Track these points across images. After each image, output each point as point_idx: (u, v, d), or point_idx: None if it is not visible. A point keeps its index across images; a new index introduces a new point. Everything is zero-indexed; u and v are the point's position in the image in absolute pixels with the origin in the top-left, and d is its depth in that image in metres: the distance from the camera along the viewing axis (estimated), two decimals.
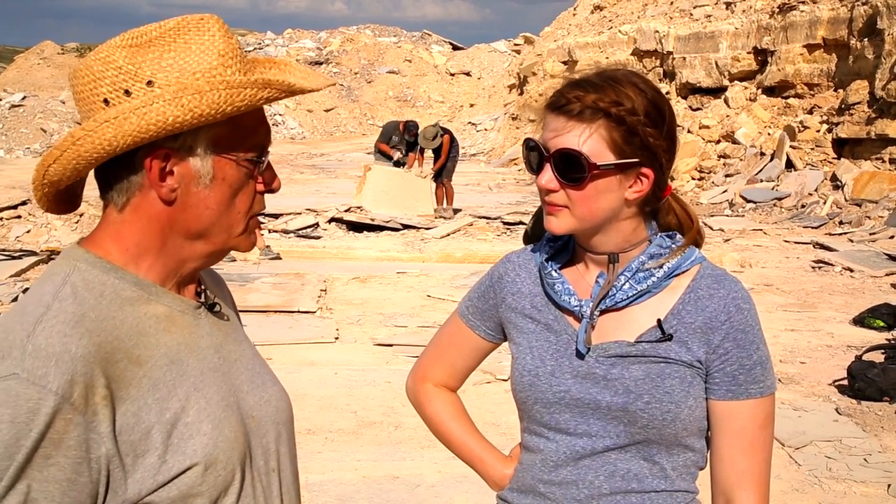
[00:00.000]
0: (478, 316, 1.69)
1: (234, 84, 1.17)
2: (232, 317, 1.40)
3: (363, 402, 5.68)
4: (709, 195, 16.11)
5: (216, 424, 1.22)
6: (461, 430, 1.74)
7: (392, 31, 51.96)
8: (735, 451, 1.50)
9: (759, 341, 1.49)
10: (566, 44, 26.28)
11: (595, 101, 1.42)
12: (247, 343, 1.40)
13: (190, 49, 1.19)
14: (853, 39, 15.99)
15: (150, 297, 1.23)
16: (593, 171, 1.42)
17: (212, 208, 1.23)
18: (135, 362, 1.17)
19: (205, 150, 1.21)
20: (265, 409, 1.34)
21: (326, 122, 39.09)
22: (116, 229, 1.23)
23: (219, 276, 1.49)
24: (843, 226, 12.98)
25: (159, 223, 1.22)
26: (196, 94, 1.15)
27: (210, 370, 1.26)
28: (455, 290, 8.94)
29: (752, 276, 9.76)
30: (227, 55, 1.20)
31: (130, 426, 1.14)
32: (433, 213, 14.11)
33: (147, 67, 1.17)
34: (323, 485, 4.41)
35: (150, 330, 1.21)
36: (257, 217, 1.31)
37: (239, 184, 1.25)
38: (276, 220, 13.22)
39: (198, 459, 1.18)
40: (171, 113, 1.14)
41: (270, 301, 8.42)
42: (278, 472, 1.34)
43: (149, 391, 1.17)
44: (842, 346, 7.07)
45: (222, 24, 1.23)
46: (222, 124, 1.20)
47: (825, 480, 4.50)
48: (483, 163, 25.98)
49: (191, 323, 1.27)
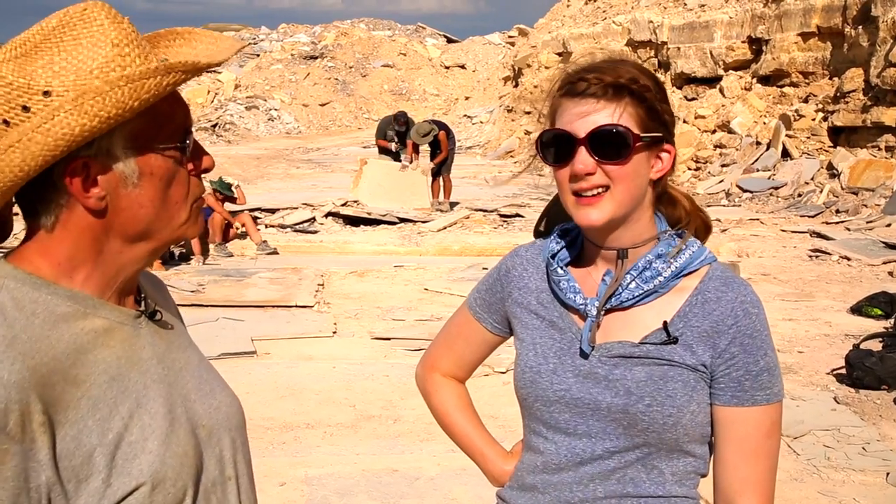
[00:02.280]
0: (485, 309, 1.67)
1: (135, 77, 1.09)
2: (175, 323, 1.33)
3: (362, 396, 5.68)
4: (705, 185, 16.11)
5: (163, 440, 1.16)
6: (465, 422, 1.74)
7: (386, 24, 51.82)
8: (738, 459, 1.46)
9: (767, 347, 1.46)
10: (560, 35, 26.24)
11: (615, 79, 1.41)
12: (192, 349, 1.34)
13: (80, 45, 1.10)
14: (848, 27, 15.97)
15: (87, 311, 1.16)
16: (636, 143, 1.41)
17: (146, 206, 1.17)
18: (72, 383, 1.10)
19: (124, 150, 1.14)
20: (216, 416, 1.28)
21: (322, 117, 39.01)
22: (45, 245, 1.16)
23: (157, 278, 1.43)
24: (839, 214, 12.98)
25: (93, 233, 1.15)
26: (98, 96, 1.07)
27: (154, 382, 1.20)
28: (452, 283, 8.94)
29: (749, 265, 9.76)
30: (122, 43, 1.12)
31: (71, 451, 1.08)
32: (430, 207, 14.09)
33: (40, 77, 1.09)
34: (322, 478, 4.41)
35: (88, 346, 1.14)
36: (201, 199, 1.26)
37: (169, 174, 1.18)
38: (273, 215, 13.20)
39: (144, 479, 1.13)
40: (77, 122, 1.07)
41: (268, 296, 8.42)
42: (235, 479, 1.29)
43: (89, 412, 1.10)
44: (839, 334, 7.08)
45: (109, 9, 1.14)
46: (136, 119, 1.12)
47: (824, 469, 4.51)
48: (479, 155, 25.95)
49: (131, 334, 1.20)
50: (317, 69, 41.79)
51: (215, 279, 9.17)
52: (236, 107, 34.72)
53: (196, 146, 1.23)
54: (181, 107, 1.21)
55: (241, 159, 24.05)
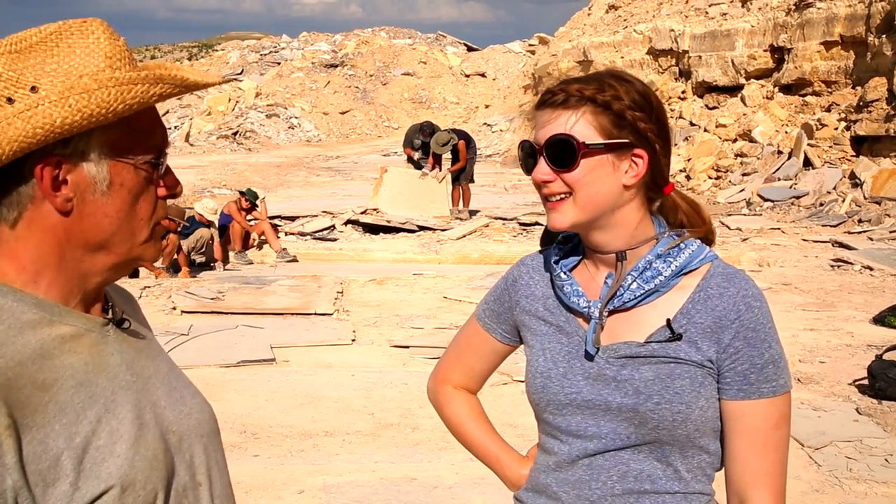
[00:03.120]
0: (494, 319, 1.70)
1: (125, 80, 1.11)
2: (144, 332, 1.33)
3: (380, 404, 5.68)
4: (726, 194, 16.03)
5: (131, 444, 1.16)
6: (479, 430, 1.76)
7: (407, 32, 52.02)
8: (748, 452, 1.49)
9: (770, 340, 1.48)
10: (581, 44, 26.23)
11: (579, 89, 1.45)
12: (162, 357, 1.34)
13: (74, 53, 1.13)
14: (871, 36, 15.87)
15: (53, 318, 1.15)
16: (583, 150, 1.44)
17: (111, 216, 1.17)
18: (39, 387, 1.10)
19: (99, 155, 1.14)
20: (186, 422, 1.28)
21: (342, 125, 39.15)
22: (10, 247, 1.15)
23: (128, 292, 1.42)
24: (862, 224, 12.87)
25: (55, 236, 1.15)
26: (84, 93, 1.09)
27: (122, 388, 1.20)
28: (471, 292, 8.94)
29: (770, 275, 9.70)
30: (115, 57, 1.14)
31: (38, 454, 1.08)
32: (449, 215, 14.10)
33: (29, 73, 1.11)
34: (340, 486, 4.42)
35: (55, 352, 1.14)
36: (162, 224, 1.25)
37: (138, 189, 1.19)
38: (293, 223, 13.26)
39: (113, 482, 1.12)
40: (59, 114, 1.08)
41: (287, 303, 8.44)
42: (209, 485, 1.29)
43: (55, 416, 1.10)
44: (862, 345, 7.01)
45: (107, 27, 1.17)
46: (115, 127, 1.13)
47: (845, 481, 4.47)
48: (499, 164, 25.97)
49: (98, 341, 1.20)
50: (337, 77, 41.97)
51: (235, 286, 9.21)
52: (257, 115, 34.91)
53: (169, 170, 1.24)
54: (160, 127, 1.22)
55: (261, 167, 24.17)
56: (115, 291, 1.35)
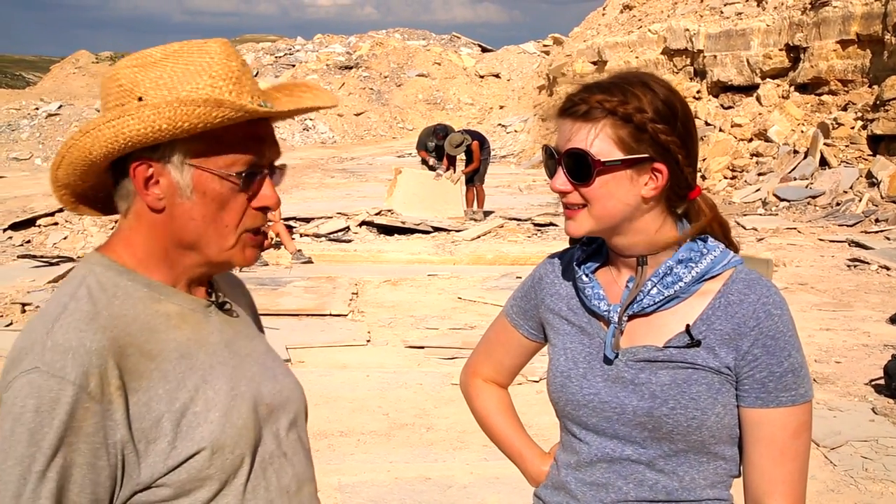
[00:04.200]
0: (521, 315, 1.72)
1: (187, 101, 1.21)
2: (245, 316, 1.46)
3: (395, 405, 5.70)
4: (741, 194, 15.97)
5: (224, 413, 1.29)
6: (505, 424, 1.80)
7: (421, 34, 52.08)
8: (766, 460, 1.48)
9: (791, 348, 1.46)
10: (595, 44, 26.19)
11: (600, 101, 1.44)
12: (259, 340, 1.47)
13: (187, 70, 1.25)
14: (888, 34, 15.77)
15: (161, 297, 1.31)
16: (598, 167, 1.43)
17: (196, 220, 1.29)
18: (146, 356, 1.25)
19: (181, 162, 1.26)
20: (277, 398, 1.40)
21: (357, 126, 39.24)
22: (127, 235, 1.32)
23: (237, 279, 1.56)
24: (878, 224, 12.79)
25: (156, 231, 1.30)
26: (156, 109, 1.21)
27: (219, 364, 1.33)
28: (486, 292, 8.94)
29: (786, 275, 9.66)
30: (220, 76, 1.25)
31: (142, 414, 1.22)
32: (463, 216, 14.11)
33: (143, 85, 1.24)
34: (356, 486, 4.44)
35: (161, 326, 1.28)
36: (261, 232, 1.34)
37: (223, 198, 1.28)
38: (308, 224, 13.30)
39: (205, 444, 1.25)
40: (134, 126, 1.21)
41: (303, 304, 8.47)
42: (290, 457, 1.40)
43: (159, 382, 1.25)
44: (878, 345, 6.98)
45: (226, 48, 1.28)
46: (198, 139, 1.25)
47: (861, 481, 4.45)
48: (513, 164, 25.96)
49: (201, 320, 1.34)
50: (352, 79, 42.06)
51: (250, 287, 9.11)
52: None
53: (269, 183, 1.32)
54: (257, 142, 1.31)
55: None
56: (223, 277, 1.48)
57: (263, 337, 1.50)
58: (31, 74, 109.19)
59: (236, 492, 1.29)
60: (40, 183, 20.21)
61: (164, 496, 1.24)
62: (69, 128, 30.84)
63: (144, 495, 1.23)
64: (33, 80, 75.62)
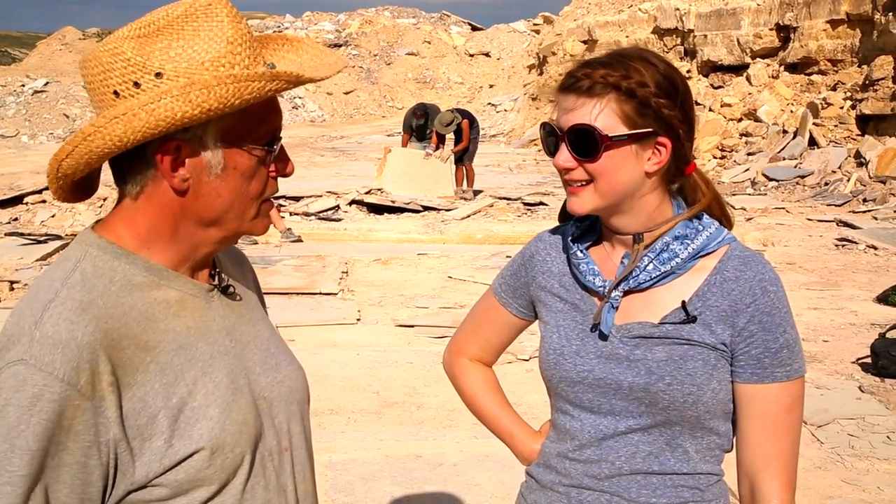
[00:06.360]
0: (510, 293, 1.71)
1: (242, 78, 1.16)
2: (248, 297, 1.41)
3: (385, 383, 5.72)
4: (731, 174, 16.00)
5: (224, 408, 1.24)
6: (493, 403, 1.78)
7: (411, 12, 51.80)
8: (760, 435, 1.49)
9: (786, 324, 1.48)
10: (586, 23, 26.10)
11: (604, 76, 1.43)
12: (263, 323, 1.41)
13: (198, 36, 1.18)
14: (877, 14, 15.77)
15: (161, 282, 1.24)
16: (606, 142, 1.43)
17: (224, 196, 1.24)
18: (142, 348, 1.19)
19: (215, 142, 1.21)
20: (278, 389, 1.35)
21: (346, 105, 39.09)
22: (130, 214, 1.25)
23: (241, 254, 1.50)
24: (866, 203, 12.85)
25: (171, 210, 1.23)
26: (204, 88, 1.14)
27: (220, 353, 1.27)
28: (476, 271, 8.96)
29: (774, 254, 9.70)
30: (236, 42, 1.20)
31: (137, 411, 1.16)
32: (453, 195, 14.09)
33: (156, 59, 1.17)
34: (346, 464, 4.46)
35: (160, 315, 1.22)
36: (270, 200, 1.31)
37: (251, 172, 1.25)
38: (297, 203, 13.27)
39: (203, 444, 1.20)
40: (180, 108, 1.14)
41: (292, 283, 8.47)
42: (290, 451, 1.36)
43: (156, 376, 1.19)
44: (865, 323, 7.03)
45: (231, 7, 1.22)
46: (232, 115, 1.20)
47: (847, 458, 4.50)
48: (503, 143, 25.91)
49: (202, 306, 1.28)
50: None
51: None
52: None
53: (282, 151, 1.30)
54: (275, 112, 1.28)
55: None
56: (228, 254, 1.43)
57: (267, 319, 1.44)
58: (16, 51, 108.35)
59: (235, 491, 1.25)
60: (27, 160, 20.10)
61: (161, 496, 1.19)
62: (56, 105, 30.63)
63: (139, 494, 1.19)
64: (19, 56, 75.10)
